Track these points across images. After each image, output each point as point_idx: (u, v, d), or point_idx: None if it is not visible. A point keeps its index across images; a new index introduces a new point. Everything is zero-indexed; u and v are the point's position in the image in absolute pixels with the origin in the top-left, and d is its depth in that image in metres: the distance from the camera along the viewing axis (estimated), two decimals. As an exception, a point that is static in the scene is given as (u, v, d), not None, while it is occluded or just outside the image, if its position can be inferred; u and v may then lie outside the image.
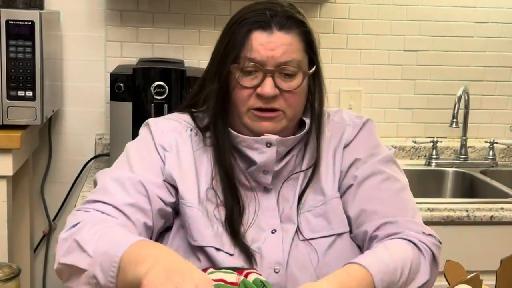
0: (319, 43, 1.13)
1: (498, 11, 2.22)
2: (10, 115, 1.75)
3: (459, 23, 2.22)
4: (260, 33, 1.06)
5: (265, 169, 1.09)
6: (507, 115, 2.32)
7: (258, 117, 1.08)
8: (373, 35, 2.20)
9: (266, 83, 1.04)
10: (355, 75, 2.22)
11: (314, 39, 1.12)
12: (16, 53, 1.74)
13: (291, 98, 1.08)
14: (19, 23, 1.72)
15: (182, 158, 1.12)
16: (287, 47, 1.07)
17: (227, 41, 1.10)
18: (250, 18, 1.08)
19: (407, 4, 2.19)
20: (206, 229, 1.06)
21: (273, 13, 1.07)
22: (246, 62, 1.05)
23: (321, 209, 1.12)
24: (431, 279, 1.01)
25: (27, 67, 1.75)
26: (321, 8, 2.16)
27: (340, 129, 1.18)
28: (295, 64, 1.06)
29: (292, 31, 1.07)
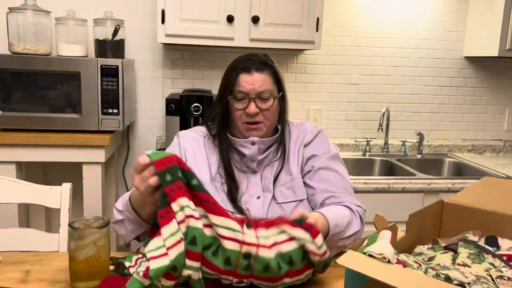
0: (284, 78, 1.27)
1: (406, 60, 2.48)
2: (103, 124, 1.92)
3: (382, 67, 2.47)
4: (244, 74, 1.21)
5: (252, 158, 1.23)
6: (413, 124, 2.55)
7: (249, 129, 1.23)
8: (330, 74, 2.44)
9: (250, 105, 1.19)
10: (318, 99, 2.45)
11: (280, 76, 1.26)
12: (107, 86, 1.89)
13: (268, 114, 1.22)
14: (109, 67, 1.88)
15: (198, 155, 1.26)
16: (262, 82, 1.20)
17: (225, 81, 1.25)
18: (238, 65, 1.23)
19: (351, 55, 2.42)
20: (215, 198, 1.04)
21: (252, 61, 1.22)
22: (237, 93, 1.20)
23: (289, 184, 1.25)
24: (360, 231, 1.16)
25: (114, 94, 1.90)
26: (297, 57, 2.39)
27: (303, 134, 1.32)
28: (268, 92, 1.21)
29: (264, 71, 1.22)
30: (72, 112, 1.91)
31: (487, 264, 0.83)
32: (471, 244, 0.89)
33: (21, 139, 1.86)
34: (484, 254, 0.86)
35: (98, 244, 0.92)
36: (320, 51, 2.37)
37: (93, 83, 1.89)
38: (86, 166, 1.94)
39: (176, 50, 2.31)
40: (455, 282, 0.74)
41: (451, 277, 0.76)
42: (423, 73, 2.53)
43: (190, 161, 1.23)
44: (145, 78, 2.32)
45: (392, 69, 2.51)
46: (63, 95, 1.89)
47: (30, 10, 1.92)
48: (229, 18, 1.97)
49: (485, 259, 0.85)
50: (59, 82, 1.88)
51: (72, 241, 0.92)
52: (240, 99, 1.21)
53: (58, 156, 1.90)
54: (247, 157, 1.24)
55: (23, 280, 0.96)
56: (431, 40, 2.49)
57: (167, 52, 2.31)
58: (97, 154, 1.92)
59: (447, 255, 0.88)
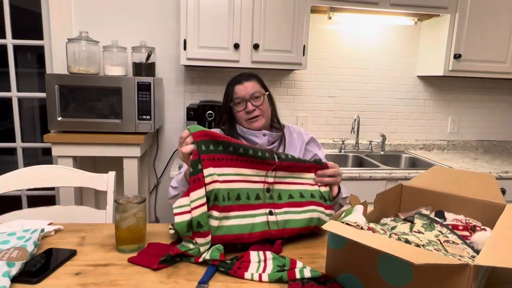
0: (271, 87, 1.38)
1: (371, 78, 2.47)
2: (139, 127, 1.92)
3: (353, 83, 2.47)
4: (237, 85, 1.27)
5: (262, 147, 1.22)
6: (378, 128, 2.56)
7: (250, 122, 1.26)
8: (313, 89, 2.43)
9: (248, 105, 1.25)
10: (304, 108, 2.44)
11: (263, 82, 1.33)
12: (142, 98, 1.90)
13: (262, 107, 1.27)
14: (143, 83, 1.89)
15: None
16: (252, 86, 1.26)
17: (226, 95, 1.30)
18: (232, 81, 1.30)
19: (330, 74, 2.43)
20: None
21: (241, 76, 1.29)
22: (236, 99, 1.26)
23: None
24: (347, 197, 1.22)
25: (147, 104, 1.91)
26: (288, 76, 2.39)
27: (300, 135, 1.36)
28: (258, 93, 1.26)
29: (252, 80, 1.29)
30: (115, 118, 1.92)
31: (437, 232, 0.84)
32: (424, 216, 0.91)
33: (76, 138, 1.87)
34: (434, 224, 0.87)
35: (137, 216, 0.92)
36: (306, 71, 2.41)
37: (131, 96, 1.90)
38: (126, 159, 1.95)
39: (195, 71, 2.31)
40: (413, 244, 0.75)
41: (409, 240, 0.76)
42: (384, 88, 2.53)
43: None
44: (171, 92, 2.33)
45: (361, 85, 2.51)
46: (108, 105, 1.91)
47: (84, 40, 1.93)
48: (235, 45, 1.99)
49: (435, 228, 0.86)
50: (105, 95, 1.90)
51: (117, 213, 0.92)
52: (239, 103, 1.25)
53: (105, 152, 1.91)
54: (259, 145, 1.25)
55: (80, 243, 0.98)
56: (391, 62, 2.49)
57: (188, 72, 2.31)
58: (134, 150, 1.93)
59: (405, 225, 0.88)
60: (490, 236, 0.70)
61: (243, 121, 1.27)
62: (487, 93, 2.63)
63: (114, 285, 0.77)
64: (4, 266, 0.76)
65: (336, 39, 2.41)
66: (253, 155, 0.95)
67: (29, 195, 2.33)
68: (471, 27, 2.16)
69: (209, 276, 0.81)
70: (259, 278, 0.80)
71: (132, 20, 2.20)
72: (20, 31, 2.22)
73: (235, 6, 1.96)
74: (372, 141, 2.52)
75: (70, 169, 1.36)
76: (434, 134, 2.64)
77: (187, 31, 1.95)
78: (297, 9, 2.01)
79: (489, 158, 2.41)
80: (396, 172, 1.97)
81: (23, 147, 2.31)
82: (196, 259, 0.87)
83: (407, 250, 0.61)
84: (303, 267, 0.82)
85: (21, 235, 0.91)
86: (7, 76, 2.21)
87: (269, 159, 0.97)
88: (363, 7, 2.07)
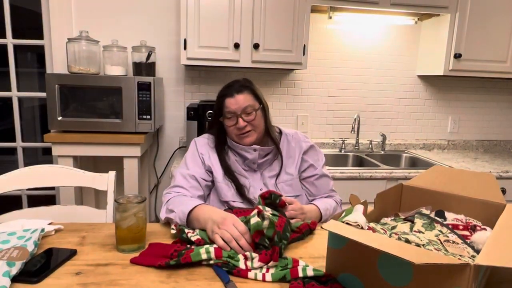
0: (262, 94, 1.23)
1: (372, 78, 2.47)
2: (139, 127, 1.91)
3: (354, 83, 2.46)
4: (228, 98, 1.19)
5: (253, 161, 1.22)
6: (378, 127, 2.55)
7: (241, 137, 1.21)
8: (313, 89, 2.43)
9: (239, 121, 1.17)
10: (304, 108, 2.44)
11: (257, 92, 1.22)
12: (142, 98, 1.89)
13: (254, 123, 1.20)
14: (143, 83, 1.88)
15: (212, 157, 1.23)
16: (243, 100, 1.18)
17: (216, 107, 1.23)
18: (222, 93, 1.21)
19: (330, 74, 2.42)
20: (227, 192, 1.18)
21: (233, 87, 1.20)
22: (226, 114, 1.20)
23: (289, 182, 1.24)
24: (338, 208, 1.25)
25: (147, 104, 1.89)
26: (289, 75, 2.38)
27: (299, 143, 1.29)
28: (250, 107, 1.18)
29: (244, 92, 1.19)
30: (115, 117, 1.91)
31: (437, 231, 0.83)
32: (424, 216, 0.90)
33: (76, 138, 1.87)
34: (434, 224, 0.86)
35: (137, 216, 0.92)
36: (306, 71, 2.41)
37: (132, 96, 1.89)
38: (126, 159, 1.94)
39: (195, 70, 2.30)
40: (413, 243, 0.75)
41: (410, 240, 0.76)
42: (385, 88, 2.52)
43: (207, 161, 1.21)
44: (171, 92, 2.32)
45: (361, 85, 2.50)
46: (108, 105, 1.89)
47: (84, 40, 1.93)
48: (235, 45, 1.98)
49: (435, 227, 0.85)
50: (106, 95, 1.88)
51: (117, 213, 0.92)
52: (230, 117, 1.20)
53: (105, 151, 1.91)
54: (249, 160, 1.21)
55: (80, 243, 0.97)
56: (391, 62, 2.48)
57: (188, 72, 2.31)
58: (134, 150, 1.93)
59: (406, 225, 0.88)
60: (490, 235, 0.70)
61: (234, 136, 1.22)
62: (487, 93, 2.62)
63: (114, 284, 0.77)
64: (4, 266, 0.76)
65: (336, 39, 2.40)
66: None
67: (29, 195, 2.33)
68: (471, 27, 2.15)
69: (225, 274, 0.80)
70: (263, 278, 0.80)
71: (132, 20, 2.19)
72: (20, 31, 2.22)
73: (235, 5, 1.95)
74: (372, 141, 2.51)
75: (71, 169, 1.35)
76: (434, 134, 2.63)
77: (187, 30, 1.94)
78: (297, 9, 2.00)
79: (489, 158, 2.40)
80: (396, 171, 1.97)
81: (23, 147, 2.31)
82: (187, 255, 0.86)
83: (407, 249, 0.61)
84: (305, 265, 0.82)
85: (21, 235, 0.91)
86: (7, 75, 2.20)
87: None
88: (363, 7, 2.07)
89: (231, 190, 1.18)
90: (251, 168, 1.23)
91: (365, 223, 0.75)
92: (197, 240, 0.92)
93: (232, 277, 0.81)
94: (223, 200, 1.18)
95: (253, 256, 0.85)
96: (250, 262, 0.84)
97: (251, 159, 1.21)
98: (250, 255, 0.86)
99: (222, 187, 1.18)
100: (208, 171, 1.20)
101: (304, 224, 1.04)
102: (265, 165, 1.24)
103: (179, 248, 0.89)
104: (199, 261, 0.85)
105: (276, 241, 0.87)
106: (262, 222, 0.87)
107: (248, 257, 0.85)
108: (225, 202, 1.18)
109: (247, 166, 1.24)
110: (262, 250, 0.87)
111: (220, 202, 1.19)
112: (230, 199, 1.17)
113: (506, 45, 2.22)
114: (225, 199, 1.18)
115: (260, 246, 0.88)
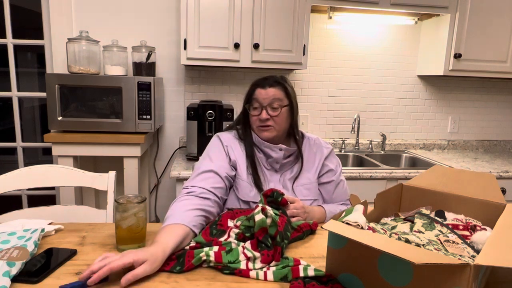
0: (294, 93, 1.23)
1: (372, 78, 2.47)
2: (139, 127, 1.90)
3: (354, 83, 2.46)
4: (259, 89, 1.20)
5: (277, 161, 1.21)
6: (378, 127, 2.55)
7: (261, 130, 1.21)
8: (314, 89, 2.43)
9: (262, 112, 1.18)
10: (305, 108, 2.44)
11: (290, 91, 1.21)
12: (142, 97, 1.88)
13: (277, 119, 1.19)
14: (143, 83, 1.87)
15: (236, 152, 1.21)
16: (273, 94, 1.18)
17: (246, 95, 1.23)
18: (256, 83, 1.22)
19: (330, 74, 2.42)
20: (250, 192, 1.16)
21: (268, 80, 1.20)
22: (253, 102, 1.21)
23: (308, 186, 1.23)
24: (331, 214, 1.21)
25: (147, 104, 1.89)
26: (289, 75, 2.38)
27: (320, 149, 1.29)
28: (277, 103, 1.18)
29: (276, 87, 1.19)
30: (115, 117, 1.90)
31: (437, 231, 0.83)
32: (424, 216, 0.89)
33: (76, 138, 1.86)
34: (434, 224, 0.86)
35: (137, 216, 0.92)
36: (306, 71, 2.41)
37: (132, 96, 1.88)
38: (126, 159, 1.93)
39: (195, 70, 2.30)
40: (413, 243, 0.75)
41: (410, 240, 0.76)
42: (385, 87, 2.51)
43: (232, 155, 1.20)
44: (171, 92, 2.32)
45: (362, 85, 2.50)
46: (108, 105, 1.89)
47: (84, 40, 1.92)
48: (235, 45, 1.98)
49: (435, 227, 0.85)
50: (106, 95, 1.87)
51: (118, 213, 0.92)
52: (256, 107, 1.20)
53: (105, 151, 1.90)
54: (273, 158, 1.21)
55: (80, 243, 0.97)
56: (391, 62, 2.48)
57: (188, 72, 2.30)
58: (134, 150, 1.92)
59: (406, 225, 0.87)
60: (490, 235, 0.69)
61: (255, 127, 1.22)
62: (487, 93, 2.62)
63: (114, 285, 0.77)
64: (5, 266, 0.75)
65: (336, 39, 2.40)
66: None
67: (30, 195, 2.33)
68: (471, 27, 2.16)
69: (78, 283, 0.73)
70: (264, 276, 0.80)
71: (132, 20, 2.19)
72: (21, 31, 2.22)
73: (235, 5, 1.95)
74: (372, 141, 2.52)
75: (71, 169, 1.35)
76: (434, 134, 2.62)
77: (187, 30, 1.94)
78: (297, 9, 2.00)
79: (489, 158, 2.41)
80: (396, 171, 1.96)
81: (24, 147, 2.31)
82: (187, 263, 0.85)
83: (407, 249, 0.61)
84: (307, 265, 0.82)
85: (22, 235, 0.90)
86: (8, 75, 2.20)
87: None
88: (363, 7, 2.07)
89: (254, 190, 1.16)
90: (272, 168, 1.23)
91: (365, 223, 0.74)
92: (195, 245, 0.90)
93: (233, 276, 0.81)
94: (244, 200, 1.16)
95: (256, 257, 0.85)
96: (252, 263, 0.84)
97: (275, 158, 1.20)
98: (253, 256, 0.85)
99: (245, 185, 1.16)
100: (232, 166, 1.19)
101: (305, 223, 1.04)
102: (286, 167, 1.24)
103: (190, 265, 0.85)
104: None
105: (278, 240, 0.87)
106: (266, 219, 0.87)
107: (250, 257, 0.85)
108: (246, 202, 1.16)
109: (270, 165, 1.23)
110: (264, 249, 0.87)
111: (238, 201, 1.17)
112: (252, 200, 1.15)
113: (506, 45, 2.22)
114: (247, 199, 1.16)
115: (262, 245, 0.88)
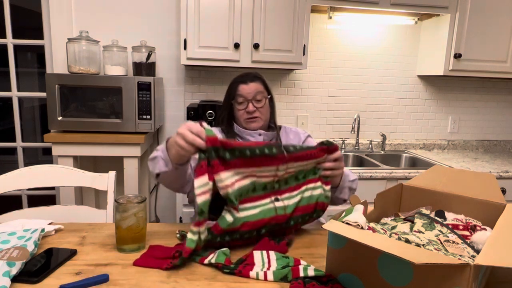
0: (271, 87, 1.33)
1: (371, 78, 2.47)
2: (139, 127, 1.91)
3: (353, 83, 2.46)
4: (242, 85, 1.27)
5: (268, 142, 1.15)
6: (378, 127, 2.55)
7: (249, 122, 1.28)
8: (313, 89, 2.43)
9: (249, 105, 1.26)
10: (305, 108, 2.44)
11: (267, 85, 1.33)
12: (142, 97, 1.88)
13: (262, 110, 1.28)
14: (143, 83, 1.87)
15: None
16: (256, 88, 1.27)
17: (228, 92, 1.31)
18: (237, 80, 1.30)
19: (330, 74, 2.42)
20: None
21: (247, 76, 1.29)
22: (238, 98, 1.27)
23: None
24: (356, 179, 1.23)
25: (147, 104, 1.89)
26: (289, 75, 2.39)
27: (297, 135, 1.37)
28: (261, 95, 1.27)
29: (257, 81, 1.29)
30: (116, 117, 1.90)
31: (437, 231, 0.83)
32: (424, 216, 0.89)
33: (76, 138, 1.86)
34: (434, 224, 0.86)
35: (137, 216, 0.92)
36: (306, 71, 2.41)
37: (132, 96, 1.88)
38: (126, 159, 1.93)
39: (195, 70, 2.30)
40: (413, 243, 0.75)
41: (410, 240, 0.76)
42: (385, 87, 2.51)
43: None
44: (171, 92, 2.32)
45: (361, 85, 2.51)
46: (108, 105, 1.89)
47: (84, 40, 1.93)
48: (235, 45, 1.98)
49: (435, 227, 0.85)
50: (106, 95, 1.88)
51: (118, 213, 0.92)
52: (241, 102, 1.27)
53: (105, 151, 1.90)
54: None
55: (80, 243, 0.97)
56: (391, 62, 2.48)
57: (188, 72, 2.30)
58: (134, 150, 1.92)
59: (406, 225, 0.87)
60: (490, 235, 0.69)
61: (242, 120, 1.29)
62: (487, 93, 2.62)
63: (114, 284, 0.77)
64: (5, 266, 0.75)
65: (336, 39, 2.40)
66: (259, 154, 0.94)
67: (30, 195, 2.33)
68: (471, 27, 2.16)
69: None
70: (264, 276, 0.80)
71: (132, 20, 2.19)
72: (21, 31, 2.22)
73: (235, 5, 1.95)
74: (372, 141, 2.52)
75: (71, 169, 1.35)
76: (434, 134, 2.62)
77: (187, 30, 1.94)
78: (297, 9, 2.01)
79: (489, 158, 2.41)
80: (396, 171, 1.96)
81: (24, 147, 2.31)
82: (202, 259, 0.86)
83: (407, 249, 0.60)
84: (307, 265, 0.82)
85: (22, 235, 0.90)
86: (8, 75, 2.20)
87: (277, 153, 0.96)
88: (363, 7, 2.07)
89: None
90: None
91: (365, 223, 0.74)
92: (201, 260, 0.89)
93: (233, 276, 0.81)
94: None
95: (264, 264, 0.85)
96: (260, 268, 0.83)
97: None
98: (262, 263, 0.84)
99: None
100: None
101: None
102: None
103: (179, 247, 0.90)
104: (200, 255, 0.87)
105: None
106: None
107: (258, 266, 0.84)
108: None
109: None
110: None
111: None
112: None
113: (506, 45, 2.22)
114: None
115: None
